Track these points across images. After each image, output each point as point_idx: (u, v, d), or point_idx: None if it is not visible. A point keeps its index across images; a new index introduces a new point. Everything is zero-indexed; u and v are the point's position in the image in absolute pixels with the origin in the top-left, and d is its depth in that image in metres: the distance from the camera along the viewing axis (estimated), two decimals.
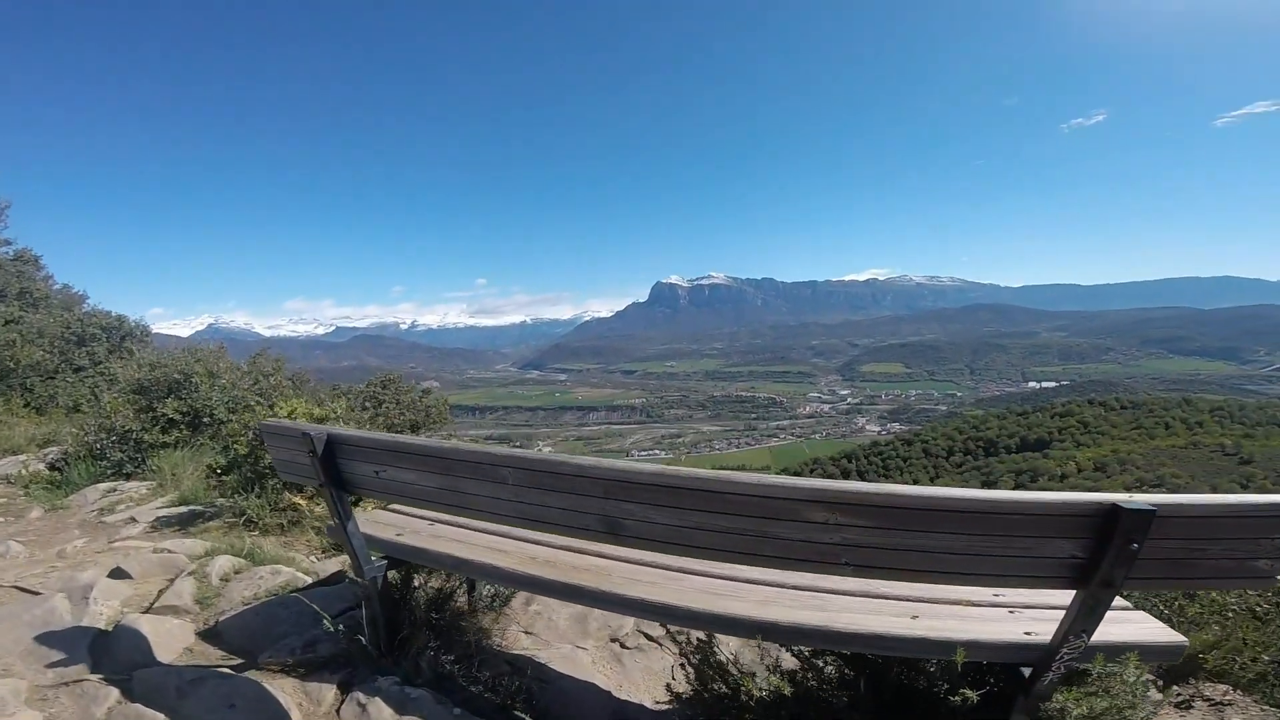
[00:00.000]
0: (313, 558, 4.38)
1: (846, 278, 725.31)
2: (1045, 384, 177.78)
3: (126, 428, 6.68)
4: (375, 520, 3.03)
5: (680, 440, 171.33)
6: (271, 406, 6.81)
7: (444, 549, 2.61)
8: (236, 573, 3.69)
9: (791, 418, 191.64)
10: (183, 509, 5.29)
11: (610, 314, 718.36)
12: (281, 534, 4.81)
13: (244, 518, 4.83)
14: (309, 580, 3.59)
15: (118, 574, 3.69)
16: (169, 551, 4.01)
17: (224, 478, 5.73)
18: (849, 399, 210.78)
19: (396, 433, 15.30)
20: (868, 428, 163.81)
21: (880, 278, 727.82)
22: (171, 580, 3.65)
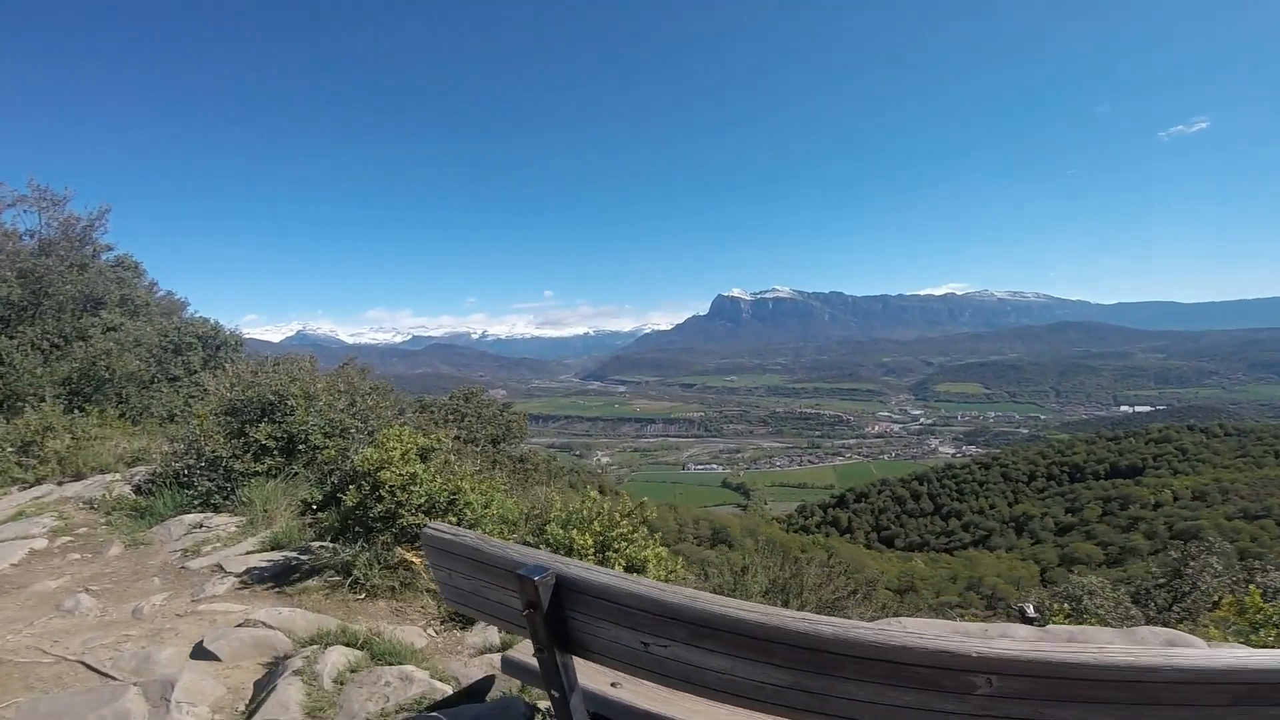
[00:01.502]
0: (431, 630, 3.78)
1: (922, 292, 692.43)
2: (1139, 408, 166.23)
3: (216, 453, 6.16)
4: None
5: (739, 455, 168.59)
6: (371, 434, 6.39)
7: None
8: (353, 671, 2.92)
9: (859, 436, 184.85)
10: (275, 556, 4.73)
11: (670, 327, 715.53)
12: (392, 597, 4.16)
13: (349, 578, 4.15)
14: (447, 689, 2.82)
15: (202, 654, 3.12)
16: (264, 626, 3.33)
17: (319, 514, 5.38)
18: (922, 419, 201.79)
19: (478, 446, 15.18)
20: (941, 449, 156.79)
21: (958, 292, 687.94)
22: (268, 667, 3.04)
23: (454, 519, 4.30)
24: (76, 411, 9.53)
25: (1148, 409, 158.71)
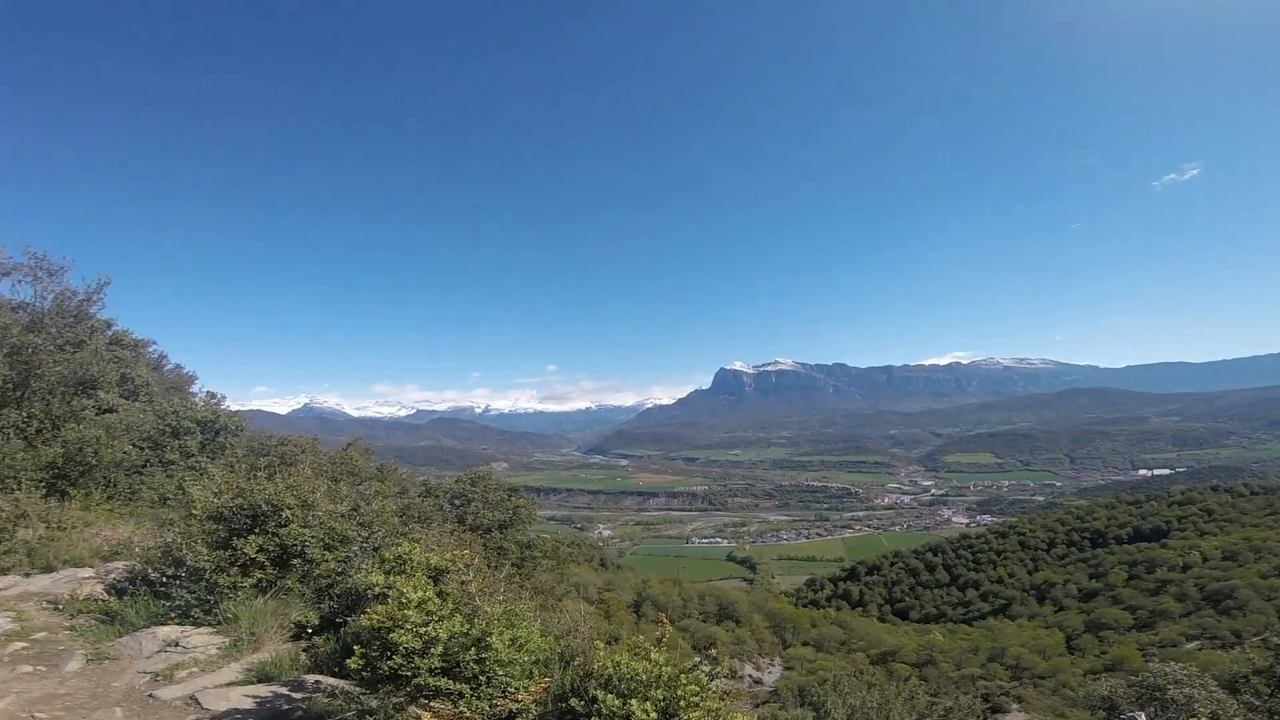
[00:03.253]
0: None
1: (926, 361, 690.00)
2: (1158, 471, 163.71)
3: (199, 564, 5.56)
4: None
5: (744, 529, 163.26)
6: (377, 549, 5.89)
7: None
8: None
9: (868, 508, 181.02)
10: (263, 691, 4.11)
11: (672, 401, 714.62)
12: None
13: None
14: None
15: None
16: None
17: (315, 639, 4.84)
18: (933, 490, 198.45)
19: (483, 534, 14.46)
20: (954, 519, 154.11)
21: (964, 361, 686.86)
22: None
23: (476, 668, 3.69)
24: (60, 497, 9.24)
25: (1167, 471, 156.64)
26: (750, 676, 36.88)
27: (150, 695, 4.04)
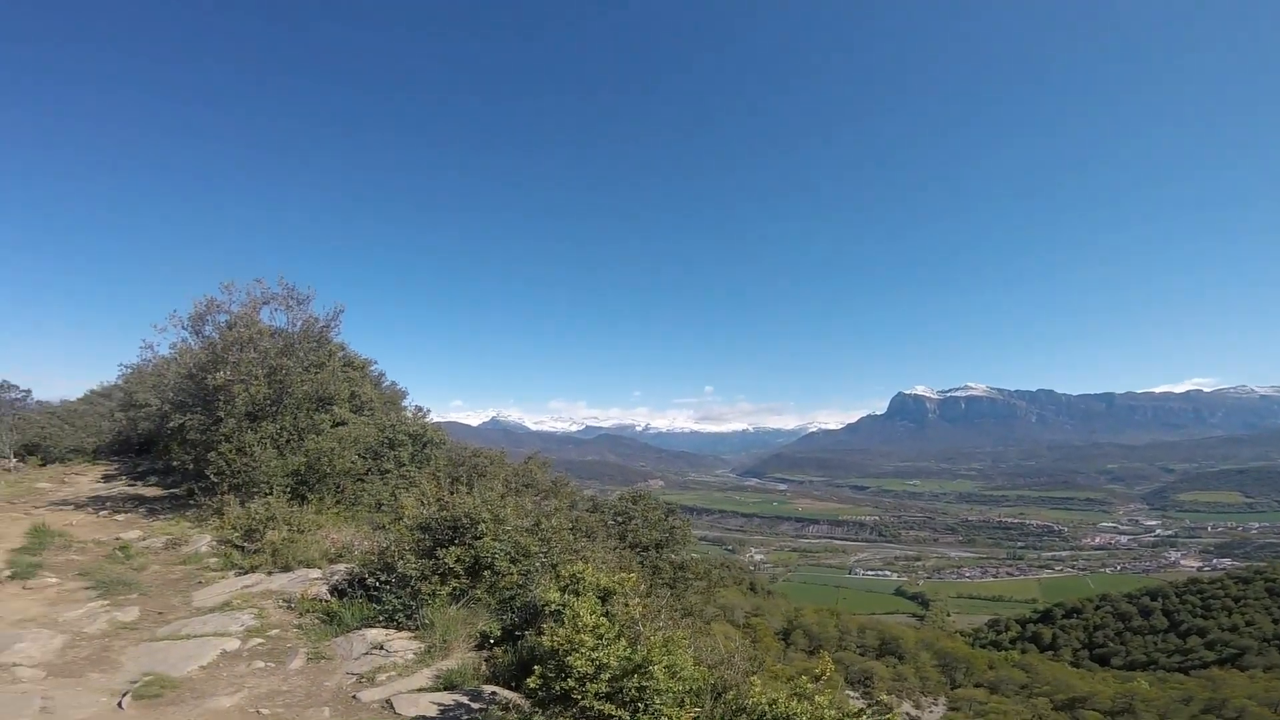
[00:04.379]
0: None
1: (1157, 390, 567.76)
2: None
3: (406, 571, 6.23)
4: None
5: (919, 564, 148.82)
6: (554, 566, 6.33)
7: None
8: None
9: (1073, 548, 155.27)
10: (447, 699, 4.57)
11: (839, 426, 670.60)
12: None
13: None
14: None
15: None
16: None
17: (495, 649, 5.32)
18: (1158, 530, 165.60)
19: (641, 551, 15.21)
20: (1183, 563, 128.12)
21: (1205, 389, 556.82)
22: None
23: (636, 694, 3.83)
24: (300, 501, 10.52)
25: None
26: (908, 715, 34.55)
27: (354, 697, 4.49)
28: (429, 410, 19.47)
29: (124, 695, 4.44)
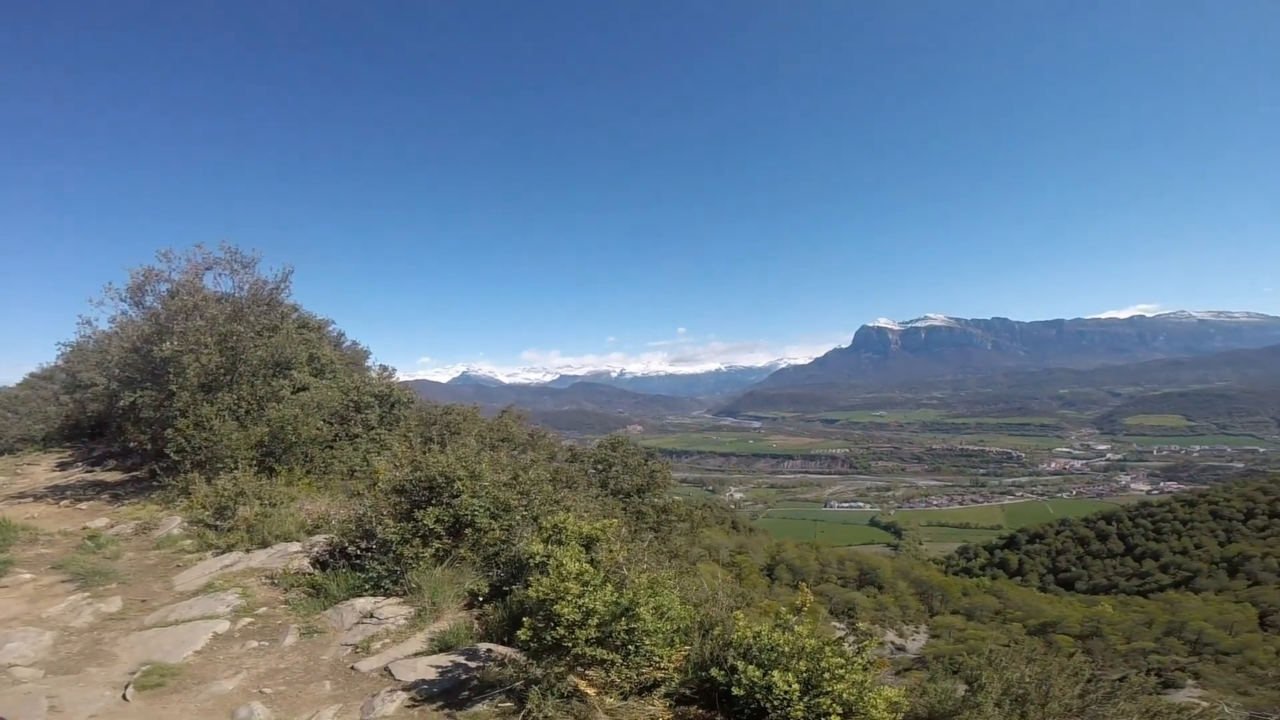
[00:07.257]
0: None
1: (1104, 315, 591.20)
2: None
3: (386, 537, 6.15)
4: None
5: (889, 493, 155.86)
6: (536, 519, 6.28)
7: None
8: None
9: (1032, 474, 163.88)
10: (444, 660, 4.59)
11: (808, 361, 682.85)
12: None
13: (523, 709, 3.92)
14: None
15: None
16: None
17: (485, 606, 5.41)
18: (1108, 454, 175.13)
19: (624, 498, 15.18)
20: (1134, 486, 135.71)
21: (1148, 314, 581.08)
22: None
23: (626, 637, 3.90)
24: (268, 474, 10.16)
25: None
26: (892, 643, 36.45)
27: (352, 668, 4.54)
28: (395, 369, 18.83)
29: (126, 687, 4.39)
